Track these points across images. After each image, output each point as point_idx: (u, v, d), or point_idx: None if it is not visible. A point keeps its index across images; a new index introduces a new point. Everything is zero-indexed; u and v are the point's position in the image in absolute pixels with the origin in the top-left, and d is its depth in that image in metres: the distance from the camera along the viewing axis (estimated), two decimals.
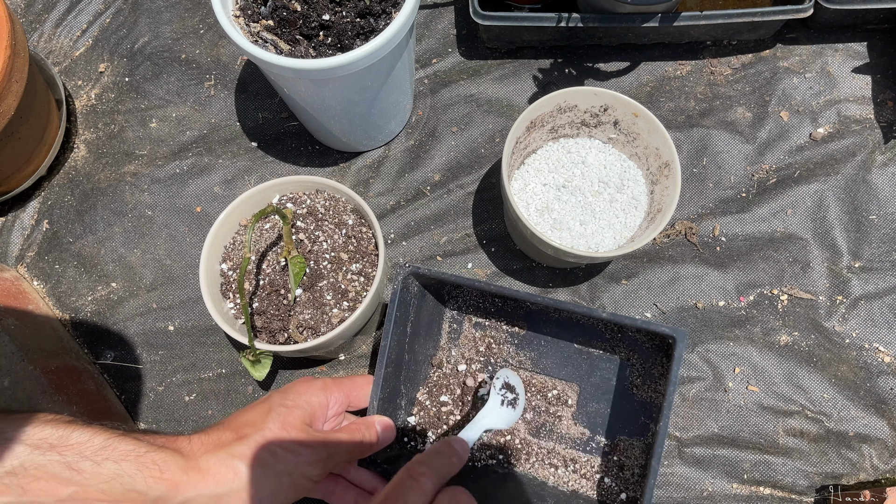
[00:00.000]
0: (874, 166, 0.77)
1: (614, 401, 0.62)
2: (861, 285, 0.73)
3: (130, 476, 0.43)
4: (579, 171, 0.70)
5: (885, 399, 0.70)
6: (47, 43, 0.86)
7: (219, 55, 0.85)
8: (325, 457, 0.50)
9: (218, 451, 0.47)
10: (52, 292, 0.76)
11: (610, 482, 0.60)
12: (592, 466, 0.61)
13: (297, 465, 0.49)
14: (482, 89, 0.82)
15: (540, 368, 0.65)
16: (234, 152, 0.81)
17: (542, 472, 0.62)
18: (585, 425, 0.63)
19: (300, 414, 0.52)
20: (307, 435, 0.51)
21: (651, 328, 0.55)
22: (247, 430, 0.49)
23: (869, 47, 0.82)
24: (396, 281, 0.58)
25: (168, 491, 0.44)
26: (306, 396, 0.54)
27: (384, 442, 0.57)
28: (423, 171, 0.79)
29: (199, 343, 0.74)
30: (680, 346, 0.54)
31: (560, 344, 0.64)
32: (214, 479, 0.46)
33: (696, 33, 0.79)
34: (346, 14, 0.61)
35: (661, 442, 0.53)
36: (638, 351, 0.62)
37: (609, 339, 0.63)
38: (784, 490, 0.67)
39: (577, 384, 0.64)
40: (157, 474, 0.44)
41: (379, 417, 0.57)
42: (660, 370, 0.61)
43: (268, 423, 0.49)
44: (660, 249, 0.76)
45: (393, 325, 0.58)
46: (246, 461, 0.47)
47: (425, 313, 0.64)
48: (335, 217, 0.66)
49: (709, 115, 0.80)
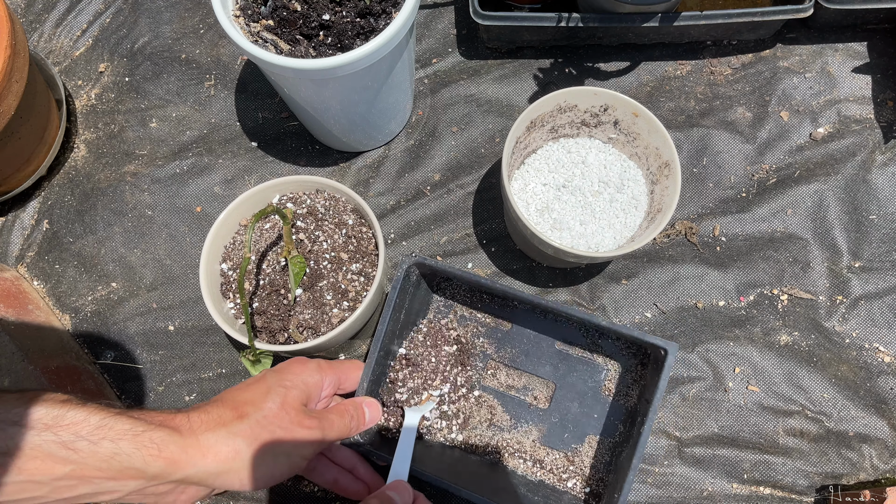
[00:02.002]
0: (874, 166, 0.77)
1: (587, 401, 0.66)
2: (861, 285, 0.73)
3: (128, 454, 0.43)
4: (579, 170, 0.70)
5: (885, 399, 0.70)
6: (47, 43, 0.86)
7: (219, 55, 0.85)
8: (320, 437, 0.52)
9: (219, 428, 0.47)
10: (52, 292, 0.76)
11: (576, 477, 0.64)
12: (560, 461, 0.65)
13: (294, 446, 0.50)
14: (482, 89, 0.82)
15: (519, 364, 0.68)
16: (234, 152, 0.81)
17: (513, 462, 0.65)
18: (557, 422, 0.66)
19: (297, 394, 0.52)
20: (304, 415, 0.52)
21: (645, 339, 0.59)
22: (247, 409, 0.49)
23: (869, 47, 0.82)
24: (401, 269, 0.62)
25: (167, 468, 0.44)
26: (303, 377, 0.54)
27: (371, 422, 0.59)
28: (423, 170, 0.79)
29: (199, 343, 0.74)
30: (671, 359, 0.58)
31: (542, 343, 0.68)
32: (214, 457, 0.46)
33: (696, 33, 0.79)
34: (346, 14, 0.61)
35: (643, 442, 0.56)
36: (615, 357, 0.66)
37: (589, 344, 0.67)
38: (784, 490, 0.67)
39: (555, 383, 0.67)
40: (156, 452, 0.44)
41: (367, 399, 0.59)
42: (633, 376, 0.66)
43: (267, 403, 0.50)
44: (660, 249, 0.76)
45: (392, 311, 0.61)
46: (246, 440, 0.47)
47: (416, 303, 0.68)
48: (335, 217, 0.66)
49: (709, 115, 0.80)
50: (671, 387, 0.70)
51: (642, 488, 0.67)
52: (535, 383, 0.67)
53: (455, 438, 0.66)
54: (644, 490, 0.67)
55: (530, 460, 0.65)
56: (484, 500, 0.58)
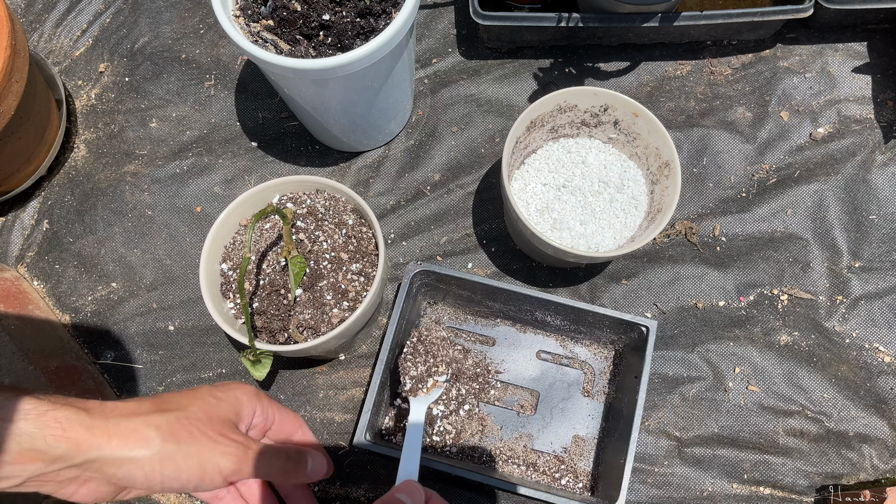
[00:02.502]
0: (874, 166, 0.77)
1: (569, 404, 0.69)
2: (861, 285, 0.73)
3: (30, 435, 0.40)
4: (579, 170, 0.70)
5: (885, 399, 0.70)
6: (47, 43, 0.86)
7: (219, 55, 0.85)
8: (241, 456, 0.47)
9: (133, 417, 0.44)
10: (52, 292, 0.76)
11: (568, 475, 0.66)
12: (552, 461, 0.67)
13: (210, 452, 0.46)
14: (482, 89, 0.82)
15: (503, 378, 0.70)
16: (234, 152, 0.81)
17: (507, 469, 0.67)
18: (545, 426, 0.68)
19: (227, 408, 0.50)
20: (229, 429, 0.48)
21: (625, 318, 0.64)
22: (169, 406, 0.47)
23: (869, 47, 0.82)
24: (408, 276, 0.65)
25: (70, 450, 0.41)
26: (237, 394, 0.52)
27: (314, 475, 0.54)
28: (423, 170, 0.79)
29: (199, 343, 0.74)
30: (652, 335, 0.64)
31: (524, 356, 0.71)
32: (121, 442, 0.43)
33: (696, 33, 0.79)
34: (346, 14, 0.61)
35: (634, 432, 0.61)
36: (590, 362, 0.70)
37: (568, 353, 0.71)
38: (784, 490, 0.67)
39: (539, 391, 0.69)
40: (59, 432, 0.41)
41: (314, 453, 0.54)
42: (608, 376, 0.70)
43: (193, 406, 0.47)
44: (660, 249, 0.76)
45: (398, 317, 0.64)
46: (160, 433, 0.44)
47: (413, 312, 0.70)
48: (335, 217, 0.66)
49: (709, 115, 0.80)
50: (671, 387, 0.70)
51: (642, 488, 0.67)
52: (520, 393, 0.70)
53: (449, 451, 0.67)
54: (644, 490, 0.67)
55: (524, 465, 0.67)
56: (505, 483, 0.60)
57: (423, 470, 0.66)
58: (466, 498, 0.67)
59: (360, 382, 0.71)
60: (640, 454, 0.68)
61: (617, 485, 0.59)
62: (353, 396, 0.71)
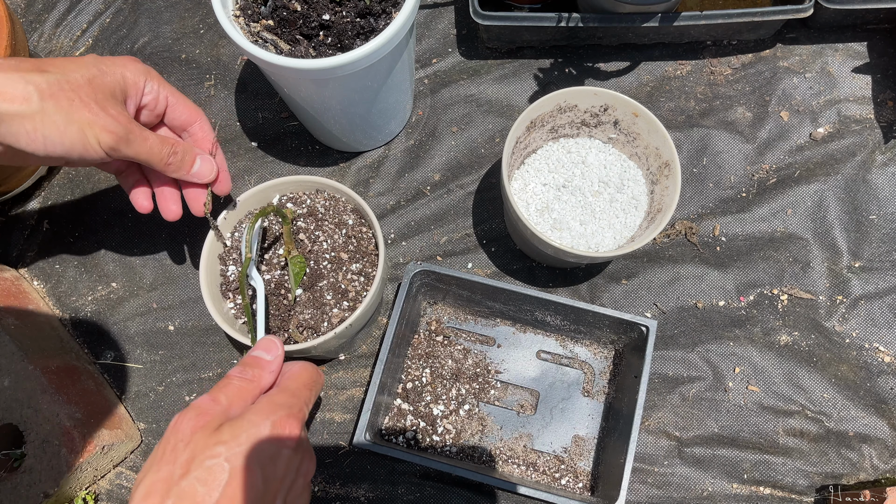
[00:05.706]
0: (874, 166, 0.77)
1: (569, 404, 0.69)
2: (861, 285, 0.73)
3: None
4: (579, 170, 0.70)
5: (885, 399, 0.70)
6: (47, 43, 0.86)
7: (219, 55, 0.85)
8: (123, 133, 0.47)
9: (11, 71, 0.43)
10: (52, 292, 0.76)
11: (568, 475, 0.66)
12: (552, 461, 0.67)
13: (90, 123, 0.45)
14: (482, 89, 0.82)
15: (504, 378, 0.70)
16: (234, 152, 0.81)
17: (507, 469, 0.67)
18: (545, 426, 0.68)
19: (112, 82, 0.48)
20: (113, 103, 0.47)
21: (625, 318, 0.64)
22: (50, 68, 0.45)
23: (869, 47, 0.82)
24: (408, 276, 0.65)
25: None
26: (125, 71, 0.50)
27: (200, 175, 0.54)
28: (423, 171, 0.79)
29: (199, 343, 0.74)
30: (651, 337, 0.64)
31: (524, 357, 0.71)
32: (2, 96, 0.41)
33: (696, 33, 0.79)
34: (346, 14, 0.61)
35: (633, 432, 0.61)
36: (590, 362, 0.70)
37: (568, 353, 0.71)
38: (784, 490, 0.67)
39: (539, 391, 0.69)
40: None
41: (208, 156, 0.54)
42: (607, 377, 0.70)
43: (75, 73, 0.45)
44: (660, 249, 0.76)
45: (398, 317, 0.64)
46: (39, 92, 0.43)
47: (413, 312, 0.70)
48: (335, 217, 0.66)
49: (709, 115, 0.80)
50: (671, 387, 0.70)
51: (642, 488, 0.67)
52: (520, 393, 0.70)
53: (449, 451, 0.67)
54: (644, 490, 0.67)
55: (524, 464, 0.67)
56: (505, 483, 0.60)
57: (424, 470, 0.66)
58: (466, 498, 0.67)
59: (360, 382, 0.71)
60: (639, 454, 0.68)
61: (617, 485, 0.60)
62: (352, 396, 0.71)
